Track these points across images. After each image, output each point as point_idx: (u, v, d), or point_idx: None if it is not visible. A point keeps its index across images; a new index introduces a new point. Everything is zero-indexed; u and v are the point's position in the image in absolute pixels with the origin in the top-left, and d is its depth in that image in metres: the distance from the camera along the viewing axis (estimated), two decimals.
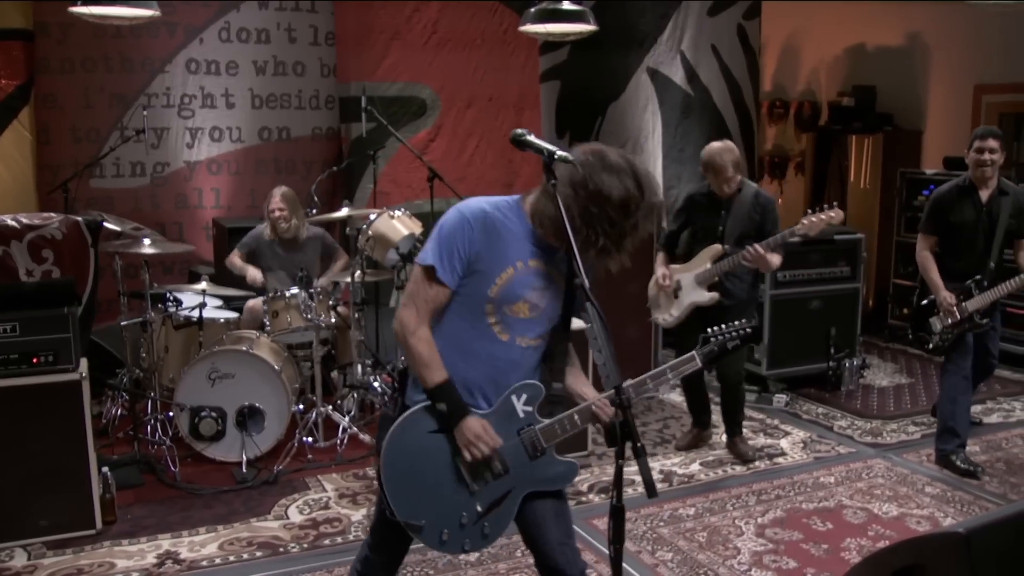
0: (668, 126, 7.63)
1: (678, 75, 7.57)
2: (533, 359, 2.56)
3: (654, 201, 2.37)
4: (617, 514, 2.22)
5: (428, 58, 7.89)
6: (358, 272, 5.49)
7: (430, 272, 2.43)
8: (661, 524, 4.37)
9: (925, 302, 5.04)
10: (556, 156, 2.30)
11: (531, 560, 3.93)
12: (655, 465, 5.12)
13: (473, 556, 4.02)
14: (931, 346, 5.02)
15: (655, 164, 7.69)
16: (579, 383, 2.66)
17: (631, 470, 2.32)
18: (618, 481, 2.20)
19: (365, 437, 5.23)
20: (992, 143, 4.78)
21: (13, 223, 4.50)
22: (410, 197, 8.00)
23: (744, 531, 4.29)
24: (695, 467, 5.10)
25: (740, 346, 2.65)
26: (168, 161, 7.34)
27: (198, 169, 7.41)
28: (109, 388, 5.32)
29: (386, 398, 5.66)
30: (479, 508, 2.52)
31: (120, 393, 5.36)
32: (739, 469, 5.04)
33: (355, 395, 5.56)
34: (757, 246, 4.71)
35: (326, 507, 4.56)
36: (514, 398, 2.51)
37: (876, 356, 7.44)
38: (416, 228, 5.57)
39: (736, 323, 2.64)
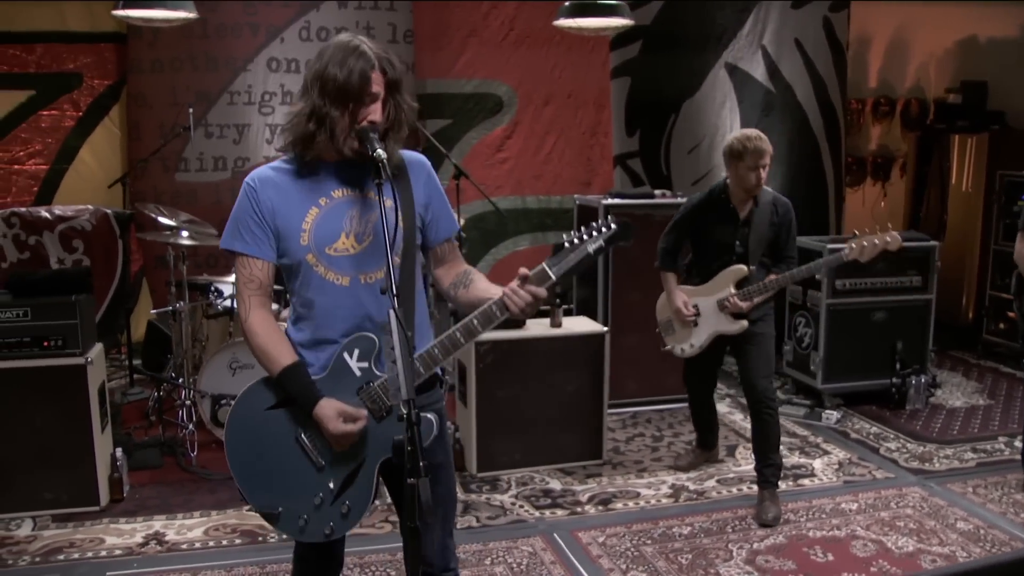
0: (747, 124, 7.26)
1: (759, 71, 7.22)
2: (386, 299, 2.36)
3: None
4: (413, 535, 2.09)
5: (505, 55, 7.88)
6: None
7: (237, 254, 2.38)
8: (648, 542, 4.19)
9: None
10: (375, 154, 2.23)
11: (497, 569, 3.90)
12: (669, 479, 4.92)
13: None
14: None
15: None
16: (485, 291, 2.48)
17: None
18: (411, 500, 2.06)
19: None
20: None
21: (46, 214, 4.80)
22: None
23: (734, 556, 4.05)
24: (710, 483, 4.86)
25: (605, 248, 2.28)
26: (248, 156, 7.61)
27: None
28: (139, 373, 5.58)
29: None
30: (332, 485, 2.37)
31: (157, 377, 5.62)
32: (755, 488, 4.75)
33: None
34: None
35: None
36: (346, 355, 2.36)
37: (961, 374, 6.87)
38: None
39: (595, 223, 2.31)
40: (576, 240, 2.30)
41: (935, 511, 4.50)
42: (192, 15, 5.20)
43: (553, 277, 2.32)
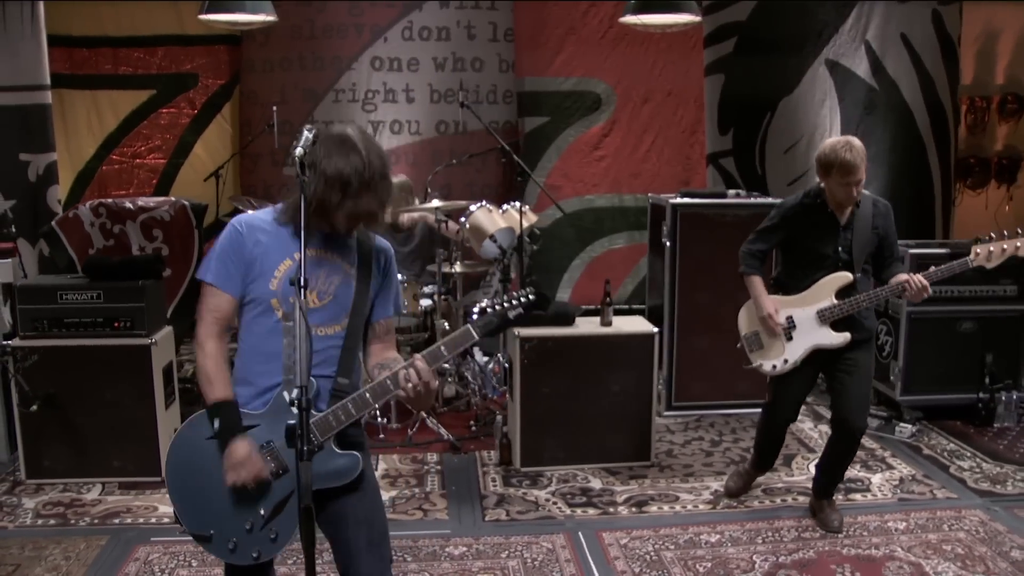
0: (848, 123, 6.98)
1: (862, 67, 6.90)
2: (332, 350, 2.59)
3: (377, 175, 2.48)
4: (306, 515, 2.20)
5: (604, 53, 7.88)
6: (446, 262, 5.67)
7: (209, 284, 2.59)
8: (671, 547, 4.14)
9: None
10: (295, 150, 2.36)
11: (511, 563, 3.96)
12: (713, 484, 4.83)
13: (456, 551, 4.07)
14: None
15: None
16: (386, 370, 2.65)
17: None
18: (304, 480, 2.18)
19: (431, 423, 5.42)
20: None
21: (129, 205, 5.19)
22: (581, 192, 8.08)
23: (755, 568, 3.95)
24: (755, 492, 4.73)
25: (524, 315, 2.59)
26: None
27: None
28: None
29: (474, 386, 5.81)
30: (263, 512, 2.53)
31: None
32: (802, 500, 4.61)
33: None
34: (921, 279, 3.92)
35: None
36: (286, 394, 2.51)
37: None
38: (512, 224, 5.63)
39: (517, 291, 2.60)
40: (499, 306, 2.61)
41: (991, 537, 4.23)
42: (271, 18, 5.48)
43: (476, 336, 2.60)
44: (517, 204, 6.04)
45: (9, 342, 4.64)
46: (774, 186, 7.15)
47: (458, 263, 5.71)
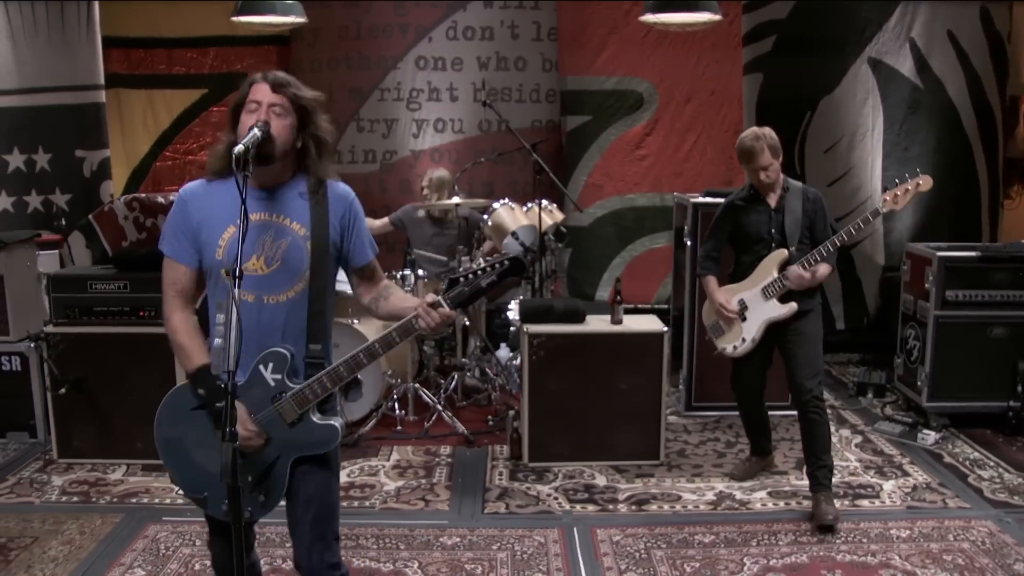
0: (892, 122, 6.84)
1: (906, 65, 6.76)
2: (295, 317, 2.60)
3: None
4: (232, 494, 2.29)
5: (646, 52, 7.86)
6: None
7: (166, 257, 2.67)
8: (662, 546, 4.14)
9: None
10: (235, 149, 2.39)
11: (501, 555, 4.03)
12: (719, 486, 4.81)
13: (450, 541, 4.16)
14: None
15: (873, 163, 6.96)
16: (401, 301, 2.75)
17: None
18: (232, 460, 2.25)
19: (446, 416, 5.50)
20: None
21: (161, 200, 5.42)
22: (623, 191, 8.08)
23: (744, 570, 3.93)
24: (759, 495, 4.70)
25: (497, 283, 2.55)
26: (396, 150, 8.10)
27: (422, 157, 8.08)
28: None
29: (496, 381, 5.88)
30: (250, 478, 2.60)
31: None
32: (806, 504, 4.55)
33: (456, 375, 5.85)
34: (800, 271, 4.31)
35: (373, 474, 4.93)
36: (262, 368, 2.57)
37: None
38: (528, 221, 5.68)
39: (490, 258, 2.56)
40: (471, 276, 2.56)
41: (997, 548, 4.12)
42: (301, 20, 5.64)
43: (447, 309, 2.57)
44: (544, 202, 6.11)
45: (43, 328, 4.90)
46: (814, 186, 6.99)
47: (481, 260, 5.79)
